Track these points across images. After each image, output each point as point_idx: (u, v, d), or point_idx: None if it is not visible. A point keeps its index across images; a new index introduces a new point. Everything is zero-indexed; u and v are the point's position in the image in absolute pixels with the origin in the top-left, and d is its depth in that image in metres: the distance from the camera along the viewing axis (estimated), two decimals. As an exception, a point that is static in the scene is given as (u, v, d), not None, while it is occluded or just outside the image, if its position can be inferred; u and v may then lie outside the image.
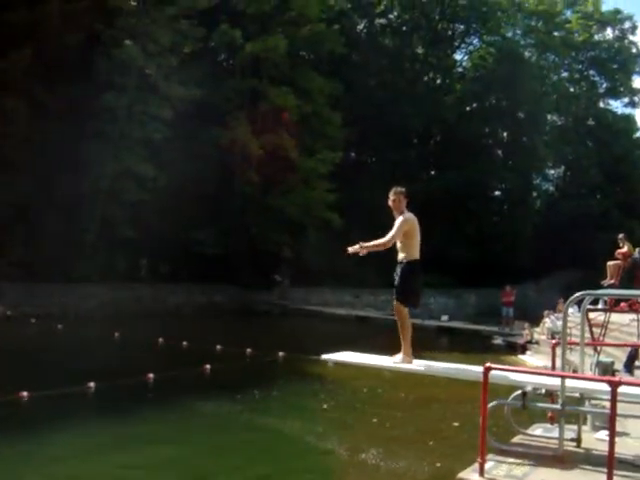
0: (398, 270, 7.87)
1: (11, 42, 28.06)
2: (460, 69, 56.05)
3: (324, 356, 8.47)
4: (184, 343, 21.31)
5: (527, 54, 54.87)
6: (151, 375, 15.93)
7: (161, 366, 16.84)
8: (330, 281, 39.17)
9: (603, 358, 12.06)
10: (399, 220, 7.67)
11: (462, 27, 54.46)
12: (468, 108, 53.01)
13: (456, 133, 48.09)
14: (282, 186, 37.35)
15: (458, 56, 56.33)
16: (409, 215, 7.72)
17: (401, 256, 7.83)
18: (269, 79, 37.36)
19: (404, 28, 51.10)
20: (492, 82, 49.20)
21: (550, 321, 24.67)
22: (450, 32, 54.18)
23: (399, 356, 7.81)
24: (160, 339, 21.76)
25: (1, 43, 27.90)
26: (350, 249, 7.82)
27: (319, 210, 38.09)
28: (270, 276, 39.37)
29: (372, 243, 7.70)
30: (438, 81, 54.02)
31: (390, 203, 7.84)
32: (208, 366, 17.65)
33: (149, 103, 32.26)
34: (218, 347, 20.71)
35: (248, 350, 20.50)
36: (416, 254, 7.79)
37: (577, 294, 6.43)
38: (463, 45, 56.01)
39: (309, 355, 17.96)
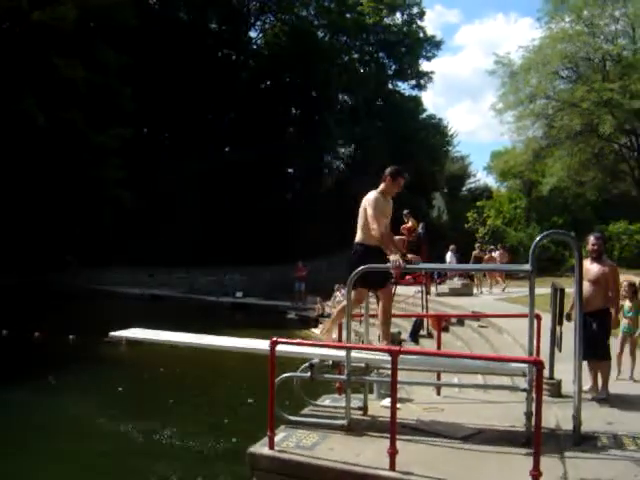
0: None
1: None
2: (255, 46, 56.15)
3: (112, 333, 8.24)
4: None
5: (320, 34, 55.82)
6: None
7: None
8: (124, 260, 38.23)
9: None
10: None
11: (257, 4, 54.51)
12: (262, 85, 53.28)
13: (250, 110, 48.25)
14: (71, 161, 35.82)
15: (253, 33, 56.43)
16: None
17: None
18: (57, 49, 35.63)
19: (199, 2, 50.35)
20: (286, 60, 49.68)
21: (340, 295, 25.44)
22: (245, 9, 54.07)
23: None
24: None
25: None
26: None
27: (110, 187, 36.89)
28: (61, 256, 37.84)
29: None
30: (233, 57, 53.83)
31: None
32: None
33: None
34: (4, 332, 19.74)
35: (37, 334, 19.68)
36: None
37: (361, 268, 6.61)
38: (258, 22, 56.13)
39: (101, 336, 17.48)
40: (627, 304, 9.62)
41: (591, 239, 8.48)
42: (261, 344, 7.20)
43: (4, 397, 13.31)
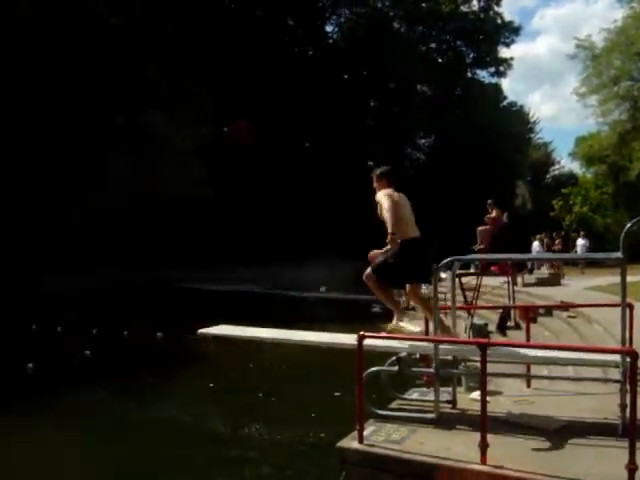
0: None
1: None
2: (331, 41, 56.20)
3: (201, 330, 8.33)
4: (59, 329, 20.67)
5: (396, 25, 55.57)
6: (30, 365, 15.36)
7: (38, 353, 16.25)
8: (208, 257, 38.75)
9: (476, 321, 12.44)
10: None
11: (332, -1, 54.64)
12: (340, 79, 53.29)
13: (328, 104, 48.29)
14: (151, 162, 36.50)
15: (329, 28, 56.55)
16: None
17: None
18: (136, 53, 36.34)
19: (275, -1, 50.66)
20: (362, 53, 49.60)
21: (425, 287, 25.21)
22: (320, 3, 54.18)
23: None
24: (34, 325, 21.00)
25: None
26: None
27: (191, 187, 37.40)
28: (148, 254, 38.58)
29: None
30: (310, 52, 53.99)
31: None
32: (87, 352, 17.20)
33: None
34: (94, 330, 20.19)
35: (125, 332, 20.10)
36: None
37: (446, 259, 6.56)
38: (334, 17, 56.22)
39: (188, 333, 17.72)
40: None
41: None
42: (348, 338, 7.18)
43: (94, 395, 13.69)
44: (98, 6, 34.43)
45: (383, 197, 7.32)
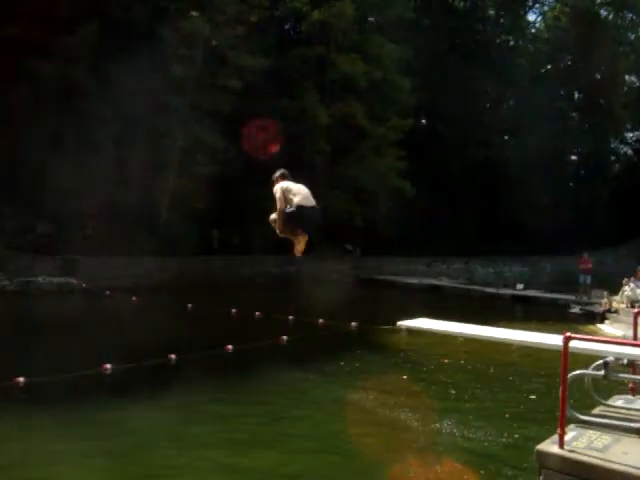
0: None
1: (78, 17, 28.39)
2: (533, 30, 54.70)
3: (400, 323, 8.39)
4: (257, 314, 21.42)
5: (603, 13, 53.11)
6: (230, 346, 16.02)
7: (236, 337, 16.90)
8: (402, 250, 38.88)
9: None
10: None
11: (534, -13, 53.15)
12: (542, 70, 51.77)
13: (530, 96, 46.97)
14: (352, 154, 37.10)
15: (531, 17, 55.03)
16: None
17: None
18: (337, 46, 37.02)
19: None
20: (566, 43, 47.93)
21: (630, 289, 23.99)
22: (523, -8, 52.86)
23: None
24: (233, 310, 21.88)
25: (68, 18, 28.26)
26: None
27: (390, 178, 37.69)
28: (342, 246, 39.23)
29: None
30: (511, 43, 52.77)
31: None
32: (285, 337, 17.70)
33: (217, 74, 32.10)
34: (290, 317, 20.73)
35: (320, 320, 20.49)
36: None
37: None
38: (536, 5, 54.66)
39: (383, 324, 17.85)
40: None
41: None
42: (551, 339, 6.92)
43: (288, 378, 14.25)
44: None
45: (276, 190, 8.30)
